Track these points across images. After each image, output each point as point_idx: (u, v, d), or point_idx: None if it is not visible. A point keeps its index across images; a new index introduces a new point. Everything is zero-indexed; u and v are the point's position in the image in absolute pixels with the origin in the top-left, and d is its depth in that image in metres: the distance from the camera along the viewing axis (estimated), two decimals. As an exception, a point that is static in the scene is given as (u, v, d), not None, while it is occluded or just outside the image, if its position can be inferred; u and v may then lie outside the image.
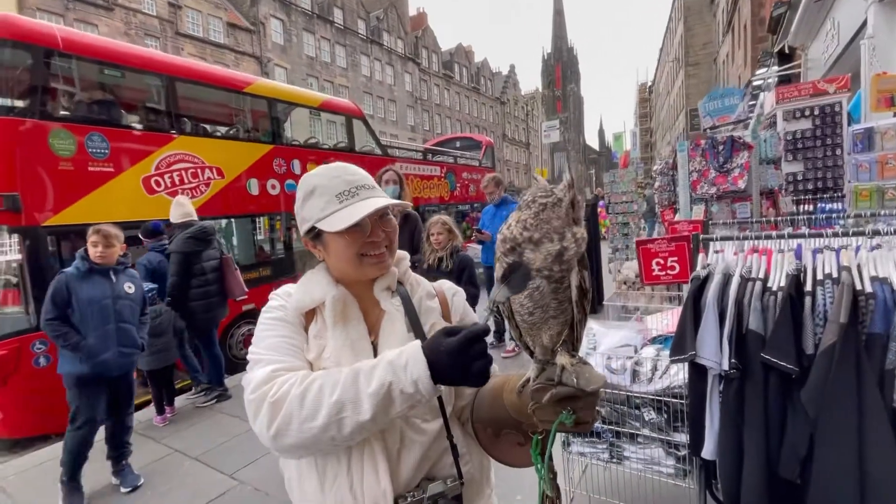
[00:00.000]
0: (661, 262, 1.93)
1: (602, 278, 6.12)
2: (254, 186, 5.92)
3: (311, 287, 0.88)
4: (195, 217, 4.28)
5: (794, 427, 1.50)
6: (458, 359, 0.68)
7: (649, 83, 69.20)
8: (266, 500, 2.54)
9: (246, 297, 4.70)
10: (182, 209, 4.20)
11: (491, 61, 56.84)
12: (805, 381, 1.46)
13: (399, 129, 37.17)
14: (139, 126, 5.13)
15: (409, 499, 0.75)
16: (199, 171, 5.30)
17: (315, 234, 0.87)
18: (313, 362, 0.82)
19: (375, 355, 0.84)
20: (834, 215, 2.57)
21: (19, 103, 4.19)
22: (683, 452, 1.85)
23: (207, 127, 6.19)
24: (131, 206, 4.71)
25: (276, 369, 0.76)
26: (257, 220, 6.40)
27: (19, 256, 4.11)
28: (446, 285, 1.00)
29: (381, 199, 0.86)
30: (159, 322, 3.82)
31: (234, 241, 6.24)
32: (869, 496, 1.36)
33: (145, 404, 4.20)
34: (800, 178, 4.32)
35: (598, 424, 2.02)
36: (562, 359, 0.72)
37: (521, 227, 0.69)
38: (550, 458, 0.82)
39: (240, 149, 5.97)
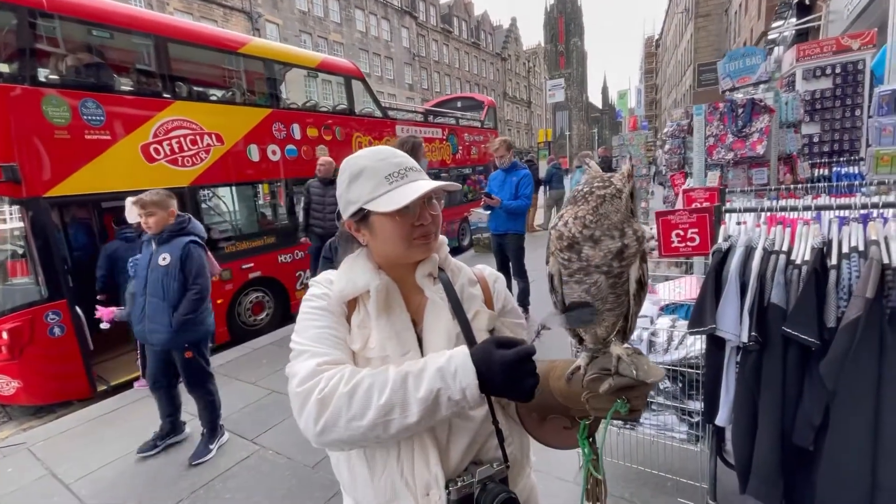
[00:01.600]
0: (682, 233, 1.91)
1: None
2: (254, 152, 5.80)
3: (355, 275, 0.86)
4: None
5: (811, 397, 1.53)
6: (509, 374, 0.69)
7: (656, 37, 66.39)
8: (288, 465, 2.65)
9: (219, 275, 4.67)
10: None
11: (491, 14, 54.38)
12: (824, 353, 1.48)
13: (397, 88, 36.03)
14: (133, 90, 4.95)
15: (458, 483, 0.77)
16: (198, 137, 5.17)
17: (362, 216, 0.85)
18: (357, 353, 0.82)
19: (420, 345, 0.84)
20: (856, 182, 2.53)
21: (7, 68, 4.02)
22: (697, 419, 1.91)
23: (204, 91, 5.99)
24: (132, 175, 4.62)
25: (321, 363, 0.76)
26: (258, 186, 6.31)
27: (23, 228, 4.08)
28: (487, 271, 0.98)
29: (428, 181, 0.85)
30: None
31: (236, 208, 6.18)
32: (882, 467, 1.40)
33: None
34: (816, 140, 4.22)
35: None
36: (616, 349, 0.73)
37: (581, 224, 0.66)
38: (593, 440, 0.84)
39: (238, 113, 5.80)
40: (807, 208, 1.67)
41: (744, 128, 2.89)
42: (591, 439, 0.83)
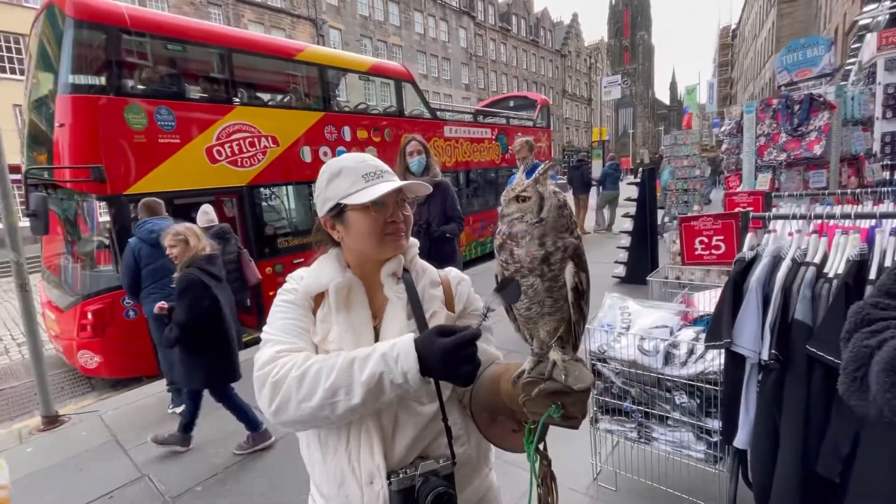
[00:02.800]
0: (706, 240, 1.80)
1: (657, 249, 5.81)
2: (307, 154, 6.13)
3: (321, 272, 0.93)
4: (216, 222, 4.48)
5: (839, 424, 1.39)
6: (446, 360, 0.73)
7: (733, 26, 61.54)
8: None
9: (259, 280, 4.85)
10: (207, 216, 4.47)
11: (552, 11, 53.16)
12: (855, 377, 1.34)
13: (453, 89, 36.31)
14: (201, 98, 5.42)
15: (400, 474, 0.81)
16: (255, 139, 5.56)
17: (337, 212, 0.92)
18: (318, 344, 0.88)
19: (377, 340, 0.89)
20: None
21: (97, 80, 4.56)
22: (715, 439, 1.79)
23: (262, 96, 6.43)
24: (197, 175, 5.08)
25: (280, 350, 0.84)
26: (312, 186, 6.67)
27: (109, 222, 4.62)
28: (452, 273, 1.01)
29: (396, 178, 0.92)
30: None
31: (290, 206, 6.57)
32: (917, 504, 1.25)
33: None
34: (898, 138, 3.74)
35: (627, 404, 2.00)
36: (555, 355, 0.74)
37: (507, 225, 0.70)
38: (545, 447, 0.85)
39: (293, 117, 6.17)
40: (845, 216, 1.52)
41: (800, 126, 2.64)
42: (540, 446, 0.83)
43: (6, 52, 16.78)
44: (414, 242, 1.01)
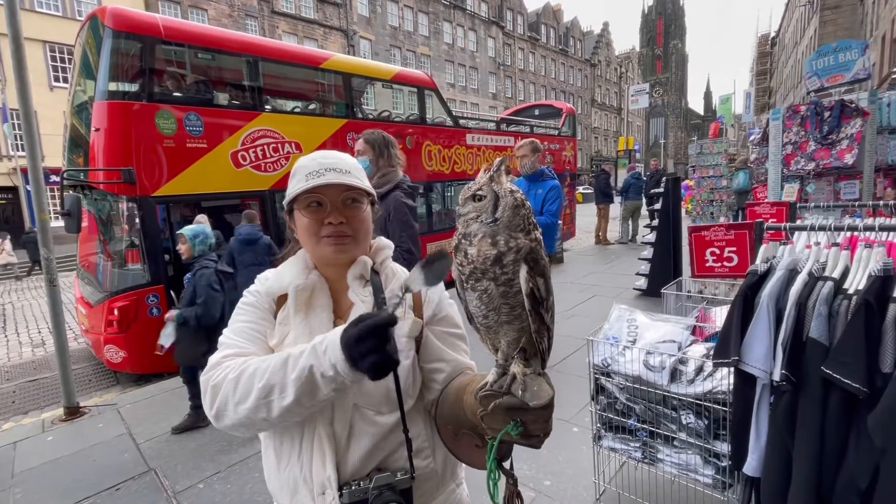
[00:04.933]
0: (717, 252, 1.70)
1: (681, 260, 5.60)
2: (329, 159, 6.23)
3: (284, 273, 0.92)
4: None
5: (857, 455, 1.27)
6: (354, 350, 0.68)
7: (772, 34, 59.48)
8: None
9: None
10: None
11: (582, 20, 52.81)
12: (875, 403, 1.23)
13: (480, 98, 36.45)
14: (227, 104, 5.61)
15: (353, 486, 0.78)
16: (279, 145, 5.70)
17: (289, 210, 0.92)
18: (275, 348, 0.86)
19: None
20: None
21: (131, 87, 4.79)
22: (725, 463, 1.68)
23: (288, 103, 6.60)
24: (222, 179, 5.24)
25: (226, 355, 0.82)
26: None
27: (137, 222, 4.81)
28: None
29: (341, 177, 0.86)
30: None
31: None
32: (945, 548, 1.13)
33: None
34: (946, 148, 3.48)
35: (631, 422, 1.90)
36: (515, 367, 0.70)
37: (463, 224, 0.68)
38: (510, 465, 0.80)
39: (316, 123, 6.31)
40: (868, 228, 1.41)
41: (829, 134, 2.48)
42: (505, 464, 0.78)
43: (60, 63, 17.93)
44: (386, 244, 0.98)
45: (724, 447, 1.66)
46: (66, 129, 5.78)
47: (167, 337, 3.09)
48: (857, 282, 1.35)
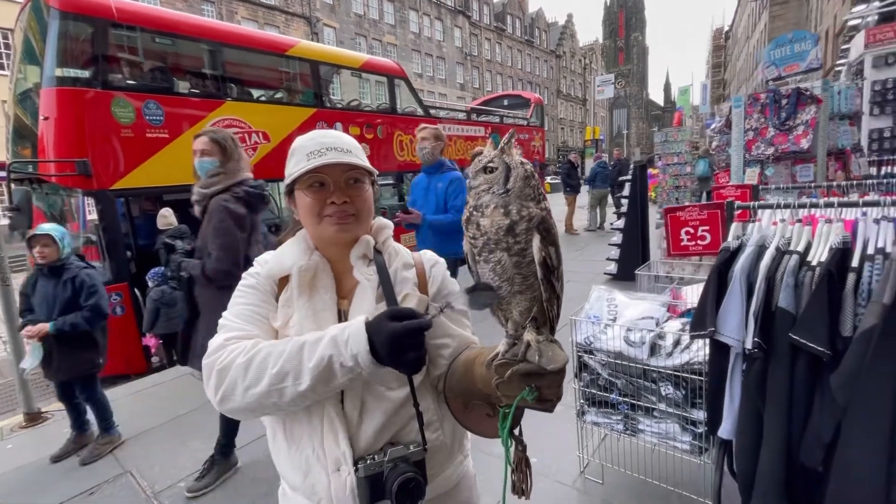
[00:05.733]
0: (691, 231, 1.79)
1: (649, 245, 5.82)
2: (298, 150, 6.09)
3: (285, 255, 0.90)
4: (175, 224, 4.35)
5: (821, 413, 1.39)
6: (393, 346, 0.71)
7: (726, 28, 61.97)
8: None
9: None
10: (165, 220, 4.38)
11: (547, 11, 53.30)
12: (836, 365, 1.34)
13: (448, 88, 36.30)
14: (190, 92, 5.37)
15: (368, 461, 0.79)
16: (246, 135, 5.51)
17: (289, 191, 0.91)
18: (280, 330, 0.85)
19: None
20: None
21: (83, 74, 4.50)
22: (701, 430, 1.78)
23: (253, 91, 6.37)
24: (186, 171, 5.00)
25: (229, 338, 0.81)
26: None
27: (95, 217, 4.56)
28: (426, 255, 0.99)
29: (343, 156, 0.86)
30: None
31: (281, 204, 6.51)
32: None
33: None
34: (886, 135, 3.77)
35: (613, 396, 1.99)
36: (528, 335, 0.71)
37: (474, 195, 0.69)
38: (520, 432, 0.83)
39: (284, 112, 6.12)
40: (828, 205, 1.52)
41: (787, 120, 2.64)
42: (514, 431, 0.81)
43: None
44: (385, 223, 0.99)
45: (700, 415, 1.77)
46: (8, 119, 5.37)
47: (34, 356, 2.65)
48: (819, 254, 1.45)
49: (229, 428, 2.49)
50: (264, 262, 0.92)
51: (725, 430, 1.62)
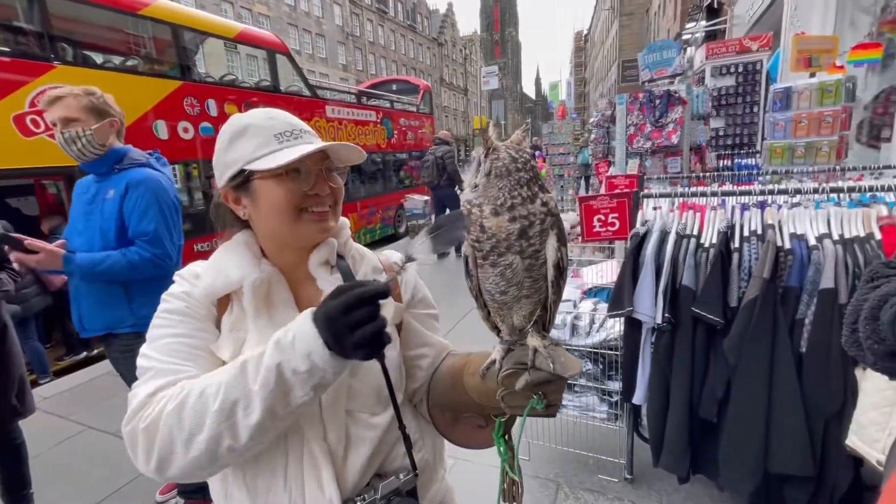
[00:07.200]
0: (602, 218, 1.94)
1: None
2: (162, 129, 5.21)
3: (226, 266, 0.72)
4: None
5: (715, 372, 1.63)
6: (342, 324, 0.56)
7: (585, 31, 69.26)
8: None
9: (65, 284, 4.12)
10: None
11: (427, -2, 53.53)
12: (727, 331, 1.57)
13: (329, 68, 34.48)
14: (3, 51, 4.20)
15: (358, 502, 0.68)
16: (89, 109, 4.51)
17: (242, 181, 0.72)
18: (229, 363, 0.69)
19: None
20: (755, 171, 2.75)
21: None
22: (615, 399, 1.98)
23: (96, 56, 5.25)
24: (5, 151, 3.94)
25: (162, 385, 0.62)
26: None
27: None
28: (395, 258, 0.88)
29: (318, 140, 0.74)
30: None
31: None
32: (772, 430, 1.53)
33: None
34: (721, 133, 4.58)
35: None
36: (533, 341, 0.66)
37: (479, 194, 0.62)
38: (509, 437, 0.79)
39: (141, 84, 5.16)
40: (713, 194, 1.76)
41: (660, 118, 3.04)
42: (506, 437, 0.77)
43: None
44: (345, 223, 0.86)
45: (615, 386, 1.96)
46: None
47: None
48: (710, 238, 1.68)
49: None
50: (195, 278, 0.72)
51: (639, 396, 1.82)
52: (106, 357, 2.28)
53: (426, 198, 9.86)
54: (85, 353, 4.56)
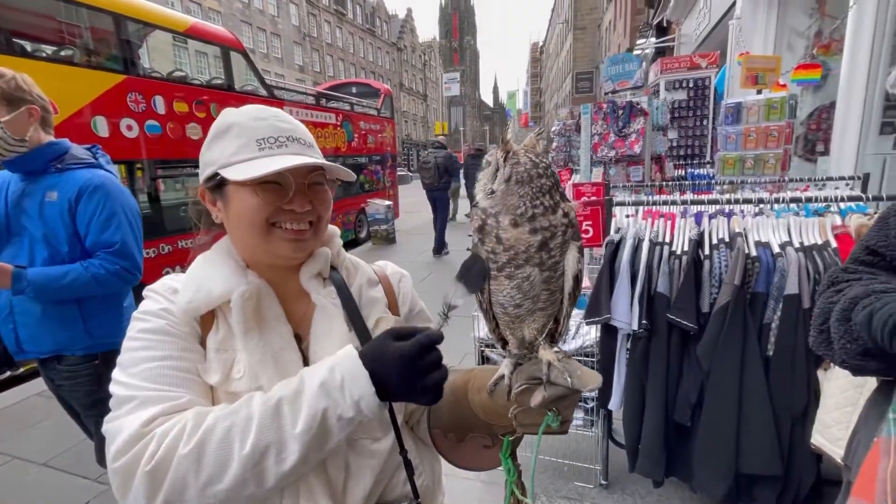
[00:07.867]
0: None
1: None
2: (102, 126, 4.82)
3: (209, 279, 0.64)
4: None
5: (689, 377, 1.67)
6: (407, 371, 0.54)
7: (541, 43, 71.53)
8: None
9: None
10: None
11: (387, 3, 53.39)
12: (700, 337, 1.61)
13: (285, 69, 33.53)
14: None
15: None
16: (17, 102, 4.09)
17: (216, 184, 0.65)
18: (218, 387, 0.60)
19: (308, 366, 0.65)
20: (711, 181, 2.90)
21: None
22: (591, 405, 1.99)
23: (26, 45, 4.78)
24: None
25: (153, 416, 0.53)
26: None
27: None
28: (389, 268, 0.82)
29: (308, 151, 0.67)
30: None
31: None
32: (742, 432, 1.58)
33: None
34: (674, 144, 4.81)
35: (514, 385, 2.07)
36: (547, 354, 0.62)
37: (493, 202, 0.57)
38: (516, 458, 0.75)
39: (77, 77, 4.75)
40: (683, 202, 1.82)
41: (623, 128, 3.15)
42: (513, 456, 0.73)
43: None
44: (335, 231, 0.79)
45: (590, 392, 1.96)
46: None
47: None
48: (681, 245, 1.73)
49: None
50: (172, 293, 0.63)
51: (614, 403, 1.84)
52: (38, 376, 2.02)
53: (388, 202, 9.75)
54: (9, 373, 4.09)
